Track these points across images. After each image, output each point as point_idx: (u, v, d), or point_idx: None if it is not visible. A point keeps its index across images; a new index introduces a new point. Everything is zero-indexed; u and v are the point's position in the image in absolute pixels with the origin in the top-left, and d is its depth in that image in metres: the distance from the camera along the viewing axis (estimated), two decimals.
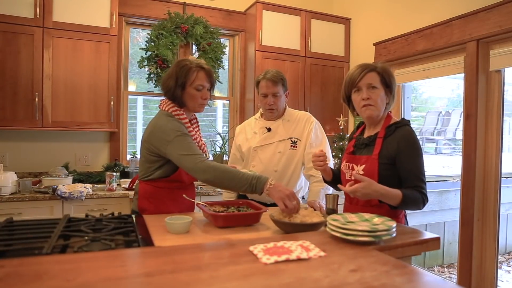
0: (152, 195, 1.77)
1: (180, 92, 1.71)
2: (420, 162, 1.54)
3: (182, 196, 1.76)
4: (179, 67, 1.72)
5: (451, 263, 4.19)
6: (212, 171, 1.54)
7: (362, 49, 3.70)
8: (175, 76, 1.71)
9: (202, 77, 1.73)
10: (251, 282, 0.85)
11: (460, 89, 5.82)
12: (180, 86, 1.70)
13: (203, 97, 1.75)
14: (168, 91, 1.74)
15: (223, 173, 1.55)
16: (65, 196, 2.56)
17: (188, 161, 1.58)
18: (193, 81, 1.71)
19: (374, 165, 1.55)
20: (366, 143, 1.64)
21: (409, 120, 1.64)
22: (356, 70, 1.62)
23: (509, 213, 4.45)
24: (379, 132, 1.61)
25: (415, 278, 0.91)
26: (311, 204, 2.05)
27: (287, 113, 2.27)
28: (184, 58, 1.81)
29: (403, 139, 1.54)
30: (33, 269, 0.89)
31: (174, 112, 1.74)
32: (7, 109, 2.72)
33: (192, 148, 1.62)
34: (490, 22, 2.45)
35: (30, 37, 2.76)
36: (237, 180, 1.53)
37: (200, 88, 1.73)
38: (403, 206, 1.48)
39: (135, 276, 0.87)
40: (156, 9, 3.43)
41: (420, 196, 1.50)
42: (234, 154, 2.36)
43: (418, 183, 1.51)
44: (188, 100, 1.74)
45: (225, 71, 3.80)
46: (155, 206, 1.75)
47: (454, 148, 6.58)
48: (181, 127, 1.68)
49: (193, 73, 1.71)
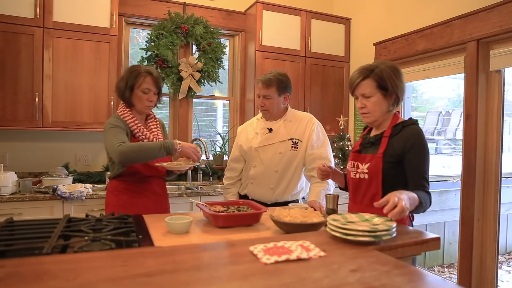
0: (116, 188, 1.93)
1: (129, 94, 1.90)
2: (426, 161, 1.53)
3: (149, 190, 1.92)
4: (130, 72, 1.91)
5: (451, 263, 4.19)
6: (127, 149, 1.72)
7: (362, 49, 3.70)
8: (125, 79, 1.90)
9: (149, 81, 1.91)
10: (251, 282, 0.85)
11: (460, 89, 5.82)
12: (129, 88, 1.89)
13: (149, 99, 1.93)
14: (119, 92, 1.93)
15: (138, 147, 1.76)
16: (65, 196, 2.56)
17: (110, 146, 1.77)
18: (140, 84, 1.89)
19: (379, 164, 1.55)
20: (372, 141, 1.64)
21: (416, 120, 1.62)
22: (354, 76, 1.64)
23: (509, 213, 4.45)
24: (386, 131, 1.61)
25: (415, 278, 0.91)
26: (311, 204, 2.05)
27: (289, 114, 2.26)
28: (136, 64, 2.00)
29: (411, 138, 1.53)
30: (33, 269, 0.89)
31: (120, 113, 1.93)
32: (7, 109, 2.72)
33: (116, 135, 1.78)
34: (490, 22, 2.45)
35: (30, 37, 2.76)
36: (152, 149, 1.76)
37: (147, 92, 1.91)
38: (419, 210, 1.43)
39: (135, 276, 0.87)
40: (156, 9, 3.43)
41: (428, 197, 1.48)
42: (234, 153, 2.36)
43: (422, 182, 1.50)
44: (136, 102, 1.92)
45: (225, 71, 3.80)
46: (118, 199, 1.91)
47: (454, 148, 6.58)
48: (116, 121, 1.86)
49: (141, 77, 1.89)
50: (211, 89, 3.86)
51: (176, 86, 3.44)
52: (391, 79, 1.57)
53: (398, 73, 1.60)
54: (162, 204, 2.04)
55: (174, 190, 3.14)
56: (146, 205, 1.92)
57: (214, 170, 3.63)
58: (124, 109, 1.94)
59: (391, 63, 1.64)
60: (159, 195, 2.02)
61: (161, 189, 2.05)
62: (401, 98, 1.62)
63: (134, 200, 1.92)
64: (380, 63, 1.62)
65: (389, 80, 1.57)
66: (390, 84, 1.57)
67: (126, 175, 1.91)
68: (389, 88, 1.57)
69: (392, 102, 1.61)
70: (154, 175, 1.97)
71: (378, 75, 1.57)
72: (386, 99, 1.60)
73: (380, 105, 1.60)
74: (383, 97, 1.59)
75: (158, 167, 1.90)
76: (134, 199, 1.92)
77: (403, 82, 1.61)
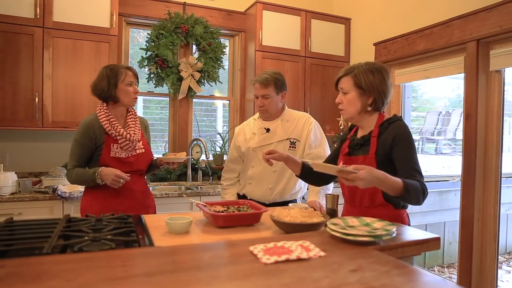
0: (88, 189, 2.01)
1: (114, 90, 1.96)
2: (414, 154, 1.54)
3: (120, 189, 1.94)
4: (108, 69, 1.97)
5: (451, 263, 4.19)
6: (69, 176, 1.97)
7: (362, 49, 3.70)
8: (106, 78, 1.95)
9: (130, 75, 2.00)
10: (251, 282, 0.85)
11: (460, 89, 5.82)
12: (113, 86, 1.95)
13: (134, 91, 2.01)
14: (101, 92, 1.97)
15: (76, 175, 1.94)
16: (65, 196, 2.56)
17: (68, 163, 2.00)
18: (124, 79, 1.97)
19: (372, 164, 1.54)
20: (360, 143, 1.65)
21: (400, 116, 1.65)
22: (338, 74, 1.69)
23: (509, 213, 4.45)
24: (373, 131, 1.62)
25: (415, 278, 0.91)
26: (311, 204, 2.05)
27: (286, 114, 2.27)
28: (109, 64, 2.07)
29: (396, 132, 1.54)
30: (33, 269, 0.89)
31: (97, 111, 1.99)
32: (7, 109, 2.72)
33: (71, 156, 1.98)
34: (490, 22, 2.45)
35: (30, 37, 2.76)
36: (84, 180, 1.92)
37: (131, 83, 1.99)
38: (405, 195, 1.39)
39: (135, 276, 0.87)
40: (156, 9, 3.43)
41: (420, 185, 1.45)
42: (232, 154, 2.36)
43: (414, 173, 1.49)
44: (123, 96, 1.98)
45: (225, 71, 3.80)
46: (91, 199, 1.99)
47: (454, 148, 6.58)
48: (79, 134, 1.96)
49: (122, 73, 1.97)
50: (211, 89, 3.86)
51: (176, 86, 3.44)
52: (367, 79, 1.59)
53: (379, 76, 1.60)
54: (137, 200, 2.03)
55: (175, 190, 3.15)
56: (119, 201, 1.96)
57: (214, 170, 3.63)
58: (101, 107, 2.00)
59: (378, 64, 1.65)
60: (134, 192, 2.02)
61: (138, 185, 2.05)
62: (381, 99, 1.61)
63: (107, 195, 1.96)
64: (366, 63, 1.64)
65: (365, 80, 1.59)
66: (365, 83, 1.59)
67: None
68: (364, 87, 1.59)
69: (371, 102, 1.61)
70: (128, 171, 1.97)
71: (356, 74, 1.61)
72: (362, 98, 1.61)
73: (354, 103, 1.62)
74: (359, 95, 1.61)
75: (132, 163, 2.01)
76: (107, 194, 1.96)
77: (384, 84, 1.60)
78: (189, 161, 3.48)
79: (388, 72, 1.65)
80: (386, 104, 1.65)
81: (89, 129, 1.95)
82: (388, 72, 1.65)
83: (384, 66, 1.68)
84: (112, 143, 1.96)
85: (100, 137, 1.95)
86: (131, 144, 1.98)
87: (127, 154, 1.99)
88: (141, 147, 2.04)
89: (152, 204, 2.17)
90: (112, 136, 1.96)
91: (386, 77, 1.62)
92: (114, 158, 1.96)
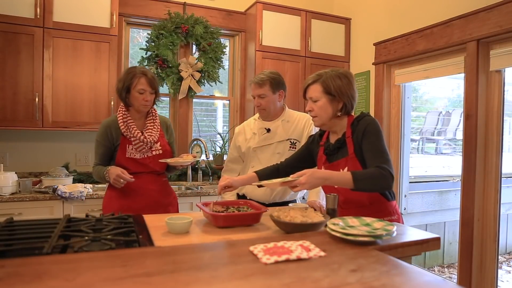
0: (109, 188, 2.08)
1: (125, 94, 2.01)
2: (380, 143, 1.56)
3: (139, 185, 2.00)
4: (126, 73, 2.02)
5: (451, 263, 4.20)
6: (92, 172, 2.06)
7: (362, 49, 3.70)
8: (122, 81, 2.01)
9: (144, 82, 2.00)
10: (251, 282, 0.85)
11: (460, 89, 5.83)
12: (125, 89, 2.00)
13: (145, 99, 2.01)
14: (118, 93, 2.04)
15: (95, 172, 2.03)
16: (66, 196, 2.56)
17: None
18: (135, 85, 1.99)
19: (355, 163, 1.59)
20: (337, 147, 1.68)
21: (368, 112, 1.70)
22: (306, 79, 1.72)
23: (509, 213, 4.45)
24: (346, 132, 1.66)
25: (415, 278, 0.91)
26: (311, 204, 2.05)
27: (286, 114, 2.27)
28: (133, 66, 2.11)
29: (364, 127, 1.59)
30: (33, 269, 0.89)
31: (118, 113, 2.05)
32: (8, 109, 2.72)
33: (95, 154, 2.06)
34: (490, 22, 2.45)
35: (30, 37, 2.76)
36: (100, 178, 1.99)
37: (142, 92, 2.00)
38: (358, 184, 1.46)
39: (135, 276, 0.87)
40: (156, 9, 3.43)
41: (379, 171, 1.48)
42: (232, 154, 2.37)
43: (379, 161, 1.51)
44: (133, 101, 2.03)
45: (225, 71, 3.80)
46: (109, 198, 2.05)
47: (454, 148, 6.59)
48: (99, 134, 2.04)
49: (136, 78, 1.99)
50: (211, 89, 3.86)
51: (176, 86, 3.44)
52: (336, 85, 1.63)
53: (346, 80, 1.65)
54: (153, 199, 2.07)
55: (175, 190, 3.14)
56: (136, 199, 2.01)
57: (214, 170, 3.63)
58: (121, 109, 2.06)
59: (343, 70, 1.71)
60: (150, 191, 2.07)
61: (154, 185, 2.09)
62: (350, 103, 1.67)
63: (125, 194, 2.01)
64: (332, 70, 1.69)
65: (334, 86, 1.63)
66: (335, 89, 1.63)
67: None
68: (334, 93, 1.63)
69: (340, 108, 1.65)
70: (144, 172, 2.05)
71: (324, 81, 1.64)
72: (332, 104, 1.65)
73: (326, 109, 1.65)
74: (329, 102, 1.65)
75: (147, 164, 2.05)
76: (125, 193, 2.01)
77: (352, 88, 1.66)
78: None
79: (353, 77, 1.71)
80: (354, 108, 1.70)
81: (107, 130, 2.02)
82: (353, 77, 1.71)
83: (349, 71, 1.74)
84: (128, 144, 2.02)
85: (117, 138, 2.02)
86: (145, 146, 2.03)
87: (141, 155, 2.03)
88: (158, 148, 2.07)
89: (174, 202, 2.21)
90: (128, 138, 2.01)
91: (352, 82, 1.68)
92: (129, 159, 2.02)
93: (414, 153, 5.98)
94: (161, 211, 2.03)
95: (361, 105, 3.64)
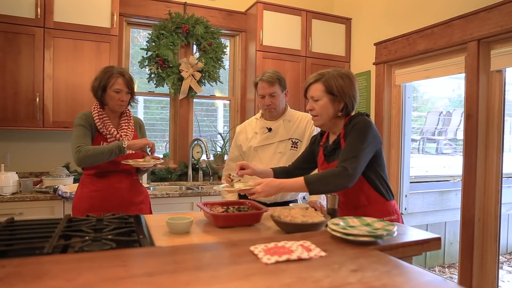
0: (82, 181, 2.05)
1: (101, 93, 1.99)
2: (357, 142, 1.53)
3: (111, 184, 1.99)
4: (103, 72, 2.00)
5: (452, 263, 4.19)
6: (83, 154, 1.86)
7: (363, 49, 3.70)
8: (99, 79, 2.00)
9: (121, 82, 1.99)
10: (252, 282, 0.85)
11: (461, 89, 5.82)
12: (101, 88, 1.99)
13: (121, 99, 2.01)
14: (93, 91, 2.02)
15: (93, 151, 1.87)
16: (66, 196, 2.57)
17: (71, 147, 1.91)
18: (112, 85, 1.98)
19: None
20: (334, 148, 1.68)
21: (365, 112, 1.67)
22: (308, 79, 1.71)
23: (510, 213, 4.45)
24: (341, 132, 1.66)
25: (416, 278, 0.91)
26: (311, 204, 2.05)
27: (288, 114, 2.27)
28: (110, 66, 2.08)
29: (351, 126, 1.59)
30: (33, 269, 0.89)
31: (92, 110, 2.03)
32: (8, 109, 2.73)
33: (77, 137, 1.92)
34: (491, 22, 2.45)
35: (31, 37, 2.76)
36: (106, 151, 1.87)
37: (118, 91, 1.99)
38: (312, 187, 1.49)
39: (136, 276, 0.87)
40: (157, 9, 3.43)
41: (334, 170, 1.50)
42: (233, 153, 2.36)
43: (344, 160, 1.51)
44: (108, 101, 2.01)
45: (225, 71, 3.80)
46: (78, 199, 2.01)
47: (455, 148, 6.58)
48: (82, 118, 1.97)
49: (113, 78, 1.98)
50: (212, 89, 3.86)
51: (176, 86, 3.44)
52: (338, 85, 1.62)
53: (348, 80, 1.64)
54: (124, 198, 2.04)
55: (175, 190, 3.15)
56: (105, 198, 1.99)
57: (214, 170, 3.63)
58: (96, 106, 2.04)
59: (345, 70, 1.70)
60: (121, 189, 2.03)
61: (125, 183, 2.06)
62: (351, 104, 1.66)
63: (95, 194, 1.99)
64: (334, 70, 1.68)
65: (336, 86, 1.62)
66: (336, 89, 1.62)
67: (89, 168, 2.01)
68: (335, 93, 1.62)
69: (341, 108, 1.65)
70: (115, 170, 2.03)
71: (326, 80, 1.63)
72: (334, 104, 1.64)
73: (327, 109, 1.65)
74: (331, 101, 1.64)
75: (115, 163, 2.00)
76: (95, 193, 1.99)
77: (353, 88, 1.65)
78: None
79: (355, 77, 1.70)
80: (355, 108, 1.69)
81: (88, 118, 1.99)
82: (355, 78, 1.70)
83: (351, 72, 1.73)
84: (102, 141, 2.00)
85: (93, 133, 2.00)
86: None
87: None
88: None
89: (146, 200, 2.18)
90: (103, 135, 2.00)
91: (354, 82, 1.67)
92: None
93: (415, 153, 5.98)
94: (133, 210, 2.01)
95: (361, 105, 3.64)
